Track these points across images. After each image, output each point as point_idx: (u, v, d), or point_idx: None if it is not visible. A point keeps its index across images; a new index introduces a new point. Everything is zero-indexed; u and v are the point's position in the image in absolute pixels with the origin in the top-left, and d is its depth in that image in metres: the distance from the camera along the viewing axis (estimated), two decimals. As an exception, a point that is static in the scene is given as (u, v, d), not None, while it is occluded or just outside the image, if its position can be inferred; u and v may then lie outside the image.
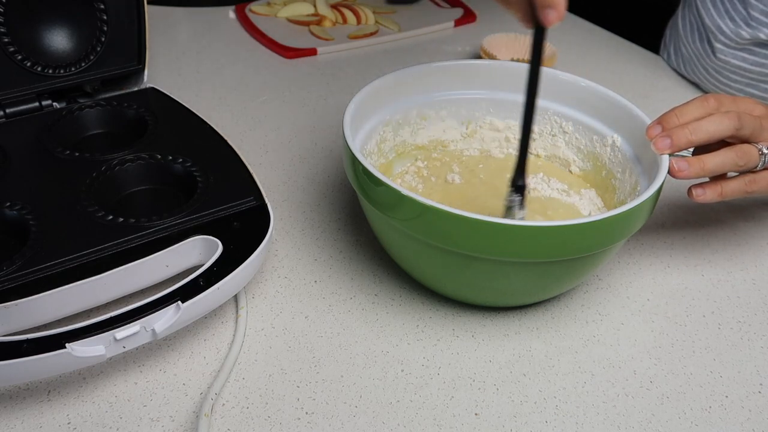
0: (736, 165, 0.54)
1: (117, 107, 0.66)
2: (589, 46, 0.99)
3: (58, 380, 0.49)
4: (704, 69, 0.84)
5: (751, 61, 0.79)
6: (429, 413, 0.48)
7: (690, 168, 0.53)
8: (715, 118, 0.53)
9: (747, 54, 0.79)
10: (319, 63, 0.90)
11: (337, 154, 0.73)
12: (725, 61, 0.81)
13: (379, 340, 0.53)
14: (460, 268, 0.51)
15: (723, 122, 0.53)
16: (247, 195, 0.55)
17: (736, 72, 0.81)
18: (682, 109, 0.54)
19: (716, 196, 0.55)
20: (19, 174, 0.57)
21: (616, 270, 0.61)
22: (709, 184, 0.56)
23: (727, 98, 0.55)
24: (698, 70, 0.86)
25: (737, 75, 0.81)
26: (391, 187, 0.48)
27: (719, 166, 0.53)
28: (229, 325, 0.54)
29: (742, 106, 0.55)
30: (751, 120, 0.53)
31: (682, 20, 0.89)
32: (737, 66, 0.80)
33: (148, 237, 0.51)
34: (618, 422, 0.48)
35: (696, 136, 0.52)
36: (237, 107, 0.80)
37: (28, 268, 0.48)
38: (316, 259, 0.60)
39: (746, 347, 0.54)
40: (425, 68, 0.62)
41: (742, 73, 0.80)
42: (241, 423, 0.47)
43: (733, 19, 0.79)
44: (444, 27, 1.01)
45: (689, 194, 0.56)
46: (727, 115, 0.53)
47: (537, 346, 0.53)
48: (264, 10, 1.00)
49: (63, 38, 0.66)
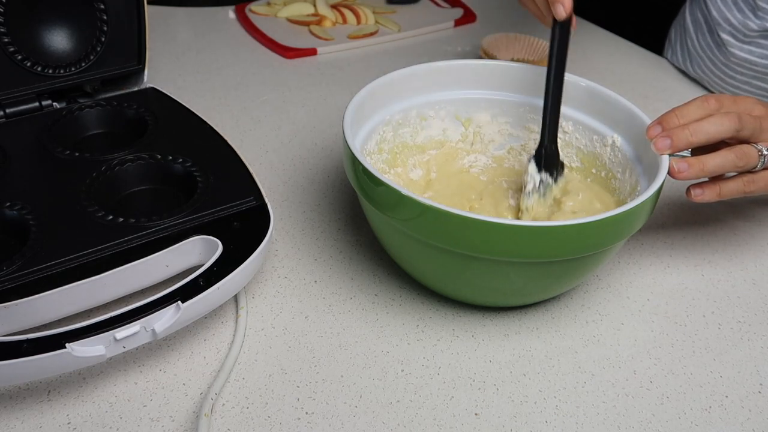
0: (736, 166, 0.54)
1: (117, 107, 0.66)
2: (589, 46, 0.99)
3: (58, 380, 0.49)
4: (711, 63, 0.85)
5: (758, 54, 0.79)
6: (429, 413, 0.48)
7: (690, 169, 0.53)
8: (715, 119, 0.53)
9: (754, 47, 0.79)
10: (319, 63, 0.90)
11: (337, 154, 0.73)
12: (732, 54, 0.81)
13: (379, 340, 0.53)
14: (460, 268, 0.51)
15: (723, 123, 0.53)
16: (247, 195, 0.55)
17: (743, 65, 0.81)
18: (682, 109, 0.54)
19: (714, 196, 0.55)
20: (19, 174, 0.57)
21: (616, 270, 0.61)
22: (708, 185, 0.56)
23: (727, 98, 0.55)
24: (704, 64, 0.86)
25: (743, 68, 0.81)
26: (391, 187, 0.48)
27: (719, 166, 0.54)
28: (229, 325, 0.54)
29: (742, 106, 0.56)
30: (751, 121, 0.54)
31: (690, 16, 0.89)
32: (743, 59, 0.80)
33: (148, 237, 0.51)
34: (618, 422, 0.48)
35: (696, 137, 0.53)
36: (237, 107, 0.80)
37: (28, 268, 0.48)
38: (316, 259, 0.60)
39: (746, 347, 0.54)
40: (425, 68, 0.62)
41: (749, 66, 0.80)
42: (241, 423, 0.47)
43: (741, 10, 0.79)
44: (444, 27, 1.01)
45: (687, 194, 0.56)
46: (727, 116, 0.53)
47: (537, 346, 0.53)
48: (264, 10, 1.00)
49: (63, 38, 0.66)
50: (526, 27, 1.00)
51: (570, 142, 0.63)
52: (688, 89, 0.89)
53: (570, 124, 0.63)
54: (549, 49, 0.57)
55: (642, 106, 0.58)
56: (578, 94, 0.62)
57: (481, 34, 0.92)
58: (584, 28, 1.05)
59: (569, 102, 0.62)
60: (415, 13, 1.03)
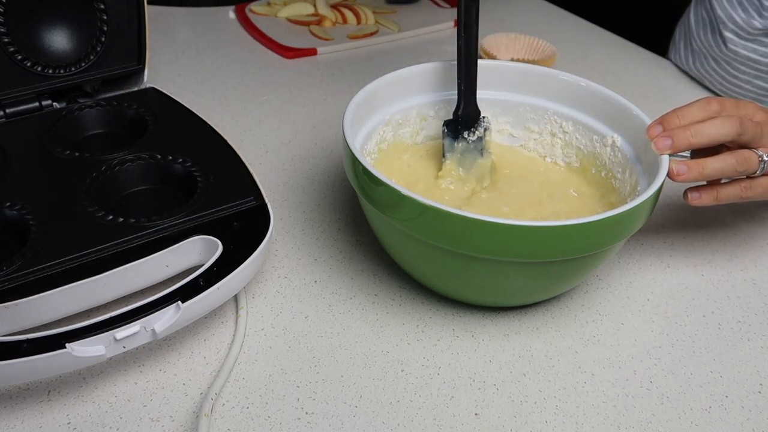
0: (736, 170, 0.54)
1: (117, 107, 0.66)
2: (589, 46, 0.99)
3: (58, 380, 0.49)
4: (714, 61, 0.85)
5: (761, 53, 0.79)
6: (429, 413, 0.48)
7: (689, 172, 0.53)
8: (717, 122, 0.53)
9: (757, 45, 0.79)
10: (319, 63, 0.90)
11: (337, 154, 0.73)
12: (735, 52, 0.81)
13: (379, 340, 0.53)
14: (460, 268, 0.51)
15: (725, 126, 0.53)
16: (247, 195, 0.55)
17: (745, 64, 0.81)
18: (683, 110, 0.54)
19: (712, 200, 0.55)
20: (19, 174, 0.57)
21: (616, 270, 0.61)
22: (705, 188, 0.56)
23: (729, 102, 0.55)
24: (707, 62, 0.86)
25: (746, 67, 0.81)
26: (391, 187, 0.48)
27: (718, 170, 0.53)
28: (229, 325, 0.54)
29: (743, 110, 0.55)
30: (752, 126, 0.53)
31: (694, 15, 0.90)
32: (746, 57, 0.80)
33: (148, 237, 0.51)
34: (618, 422, 0.48)
35: (697, 138, 0.52)
36: (237, 107, 0.80)
37: (28, 268, 0.48)
38: (316, 259, 0.60)
39: (746, 347, 0.55)
40: (425, 68, 0.62)
41: (751, 64, 0.80)
42: (241, 423, 0.47)
43: (746, 10, 0.79)
44: (444, 27, 1.01)
45: (685, 198, 0.56)
46: (729, 120, 0.53)
47: (537, 346, 0.53)
48: (264, 10, 1.00)
49: (63, 38, 0.66)
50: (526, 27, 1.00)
51: (570, 142, 0.63)
52: (689, 89, 0.89)
53: (570, 124, 0.63)
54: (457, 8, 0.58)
55: (642, 106, 0.58)
56: (578, 94, 0.62)
57: (481, 34, 0.92)
58: (584, 28, 1.05)
59: (569, 102, 0.63)
60: (415, 13, 1.03)
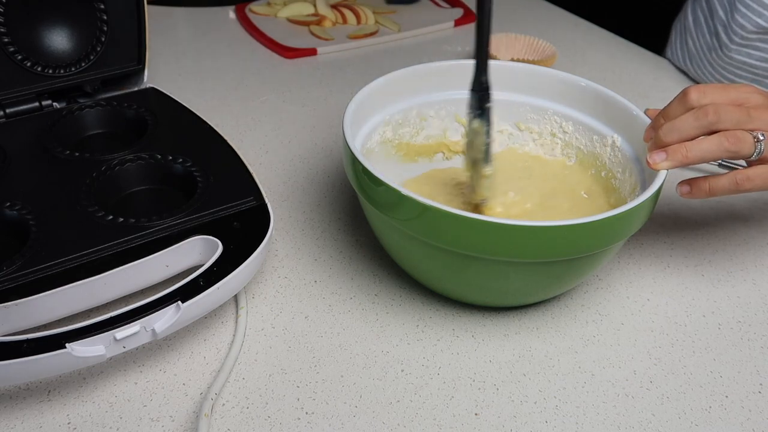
0: (727, 152, 0.48)
1: (117, 107, 0.66)
2: (589, 46, 0.99)
3: (58, 380, 0.49)
4: (709, 64, 0.85)
5: (756, 57, 0.79)
6: (429, 413, 0.48)
7: (669, 158, 0.48)
8: (714, 141, 0.49)
9: (752, 50, 0.79)
10: (319, 63, 0.90)
11: (337, 154, 0.73)
12: (730, 57, 0.81)
13: (379, 340, 0.53)
14: (460, 268, 0.51)
15: (722, 145, 0.49)
16: (247, 195, 0.55)
17: (742, 67, 0.81)
18: (676, 123, 0.51)
19: (704, 194, 0.51)
20: (19, 174, 0.57)
21: (616, 270, 0.61)
22: (696, 180, 0.52)
23: (718, 93, 0.52)
24: (703, 65, 0.86)
25: (742, 70, 0.81)
26: (391, 187, 0.48)
27: (707, 153, 0.48)
28: (229, 325, 0.54)
29: (734, 94, 0.51)
30: (747, 140, 0.50)
31: (692, 15, 0.90)
32: (742, 61, 0.80)
33: (148, 237, 0.51)
34: (618, 422, 0.48)
35: (693, 153, 0.49)
36: (237, 107, 0.80)
37: (28, 268, 0.48)
38: (316, 259, 0.60)
39: (746, 347, 0.54)
40: (425, 68, 0.62)
41: (747, 68, 0.80)
42: (241, 423, 0.47)
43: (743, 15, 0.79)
44: (444, 27, 1.01)
45: (677, 190, 0.53)
46: (726, 137, 0.49)
47: (537, 346, 0.53)
48: (264, 10, 1.00)
49: (63, 38, 0.66)
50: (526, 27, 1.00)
51: (570, 142, 0.63)
52: (688, 89, 0.89)
53: (570, 124, 0.63)
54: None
55: (642, 106, 0.58)
56: (578, 94, 0.62)
57: (481, 34, 0.92)
58: (584, 28, 1.05)
59: (569, 102, 0.63)
60: (415, 13, 1.03)
